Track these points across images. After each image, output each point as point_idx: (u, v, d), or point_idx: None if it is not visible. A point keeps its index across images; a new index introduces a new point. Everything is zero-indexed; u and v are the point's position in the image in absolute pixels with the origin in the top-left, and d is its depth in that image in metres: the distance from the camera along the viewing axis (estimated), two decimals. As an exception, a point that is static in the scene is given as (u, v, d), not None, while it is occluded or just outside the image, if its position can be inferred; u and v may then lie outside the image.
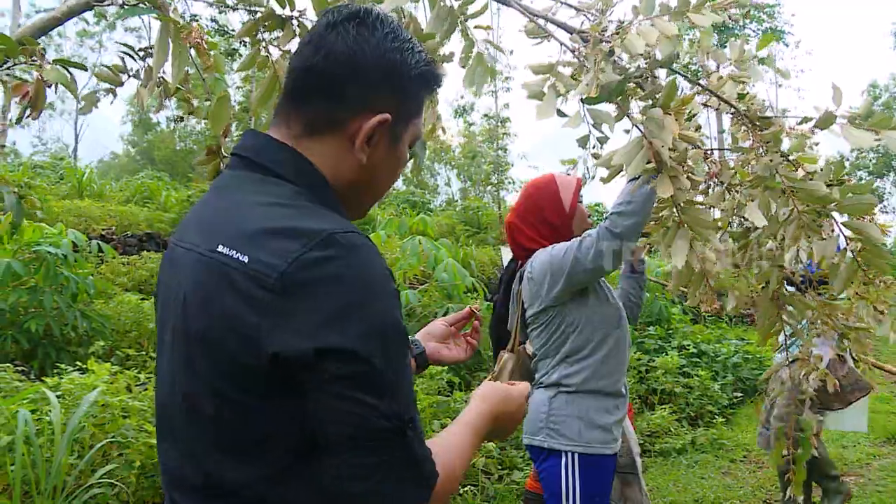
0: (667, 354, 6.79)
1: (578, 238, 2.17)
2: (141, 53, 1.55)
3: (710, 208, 1.61)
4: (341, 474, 0.81)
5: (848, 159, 32.68)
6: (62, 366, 3.95)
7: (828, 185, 1.44)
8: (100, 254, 5.57)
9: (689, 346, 7.30)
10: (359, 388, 0.79)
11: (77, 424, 2.85)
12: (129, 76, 1.55)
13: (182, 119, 1.60)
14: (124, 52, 1.56)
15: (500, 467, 4.34)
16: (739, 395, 6.85)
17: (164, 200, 11.00)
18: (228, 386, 0.83)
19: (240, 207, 0.89)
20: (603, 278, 2.29)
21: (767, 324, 1.80)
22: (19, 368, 4.05)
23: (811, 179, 1.46)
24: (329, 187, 0.94)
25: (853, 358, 3.23)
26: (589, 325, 2.24)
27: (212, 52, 1.51)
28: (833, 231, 1.53)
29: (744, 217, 1.68)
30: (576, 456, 2.19)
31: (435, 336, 1.36)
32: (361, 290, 0.81)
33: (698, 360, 7.11)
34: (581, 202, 2.38)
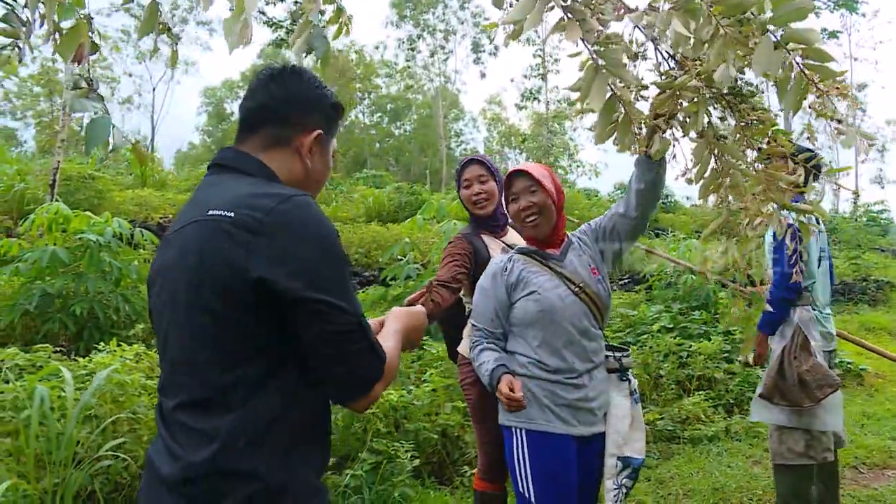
0: (710, 340, 6.59)
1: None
2: (23, 1, 1.55)
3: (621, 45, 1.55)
4: (327, 360, 1.19)
5: None
6: (99, 347, 4.20)
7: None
8: (144, 241, 5.87)
9: (735, 330, 7.04)
10: (327, 294, 1.17)
11: (89, 401, 3.04)
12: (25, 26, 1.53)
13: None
14: (5, 3, 1.56)
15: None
16: (785, 381, 6.57)
17: (223, 189, 11.38)
18: (222, 305, 1.16)
19: (221, 188, 1.27)
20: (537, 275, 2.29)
21: (708, 177, 1.70)
22: (59, 349, 4.33)
23: None
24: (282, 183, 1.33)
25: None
26: (515, 309, 2.30)
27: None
28: (761, 41, 1.40)
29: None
30: (523, 432, 2.20)
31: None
32: (316, 231, 1.20)
33: (745, 345, 6.84)
34: (515, 200, 2.33)
